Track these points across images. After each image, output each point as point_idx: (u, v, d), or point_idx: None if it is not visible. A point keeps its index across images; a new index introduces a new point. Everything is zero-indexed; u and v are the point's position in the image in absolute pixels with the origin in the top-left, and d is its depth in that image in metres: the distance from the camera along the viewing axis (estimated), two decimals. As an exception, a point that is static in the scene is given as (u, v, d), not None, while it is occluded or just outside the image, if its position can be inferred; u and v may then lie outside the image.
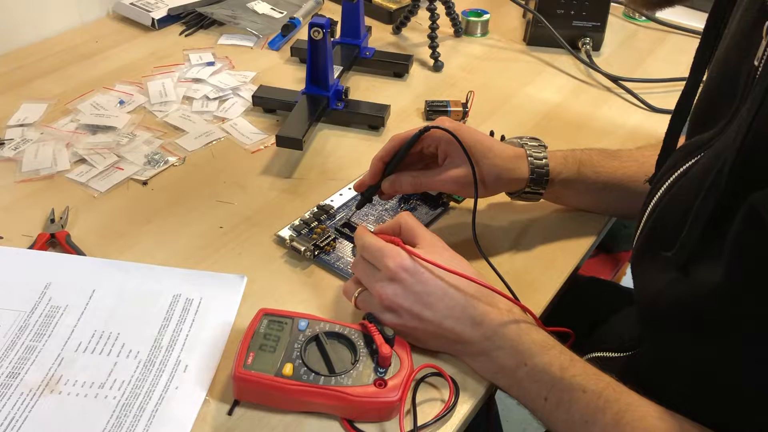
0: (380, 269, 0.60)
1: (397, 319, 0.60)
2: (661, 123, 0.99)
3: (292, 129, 0.85)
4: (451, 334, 0.59)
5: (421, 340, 0.61)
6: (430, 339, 0.61)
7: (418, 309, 0.59)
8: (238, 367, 0.56)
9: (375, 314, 0.61)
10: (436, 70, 1.08)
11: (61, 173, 0.83)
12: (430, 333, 0.60)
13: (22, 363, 0.59)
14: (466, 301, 0.59)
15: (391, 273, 0.59)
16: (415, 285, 0.59)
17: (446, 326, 0.59)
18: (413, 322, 0.59)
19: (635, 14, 1.26)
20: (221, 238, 0.75)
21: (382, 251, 0.60)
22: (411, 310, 0.59)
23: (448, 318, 0.59)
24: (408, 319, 0.59)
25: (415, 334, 0.61)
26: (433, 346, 0.62)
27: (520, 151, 0.72)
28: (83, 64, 1.05)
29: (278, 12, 1.20)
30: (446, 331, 0.59)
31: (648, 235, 0.59)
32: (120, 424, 0.55)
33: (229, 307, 0.66)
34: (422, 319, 0.59)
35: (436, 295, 0.59)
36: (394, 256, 0.60)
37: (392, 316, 0.60)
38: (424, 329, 0.60)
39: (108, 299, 0.66)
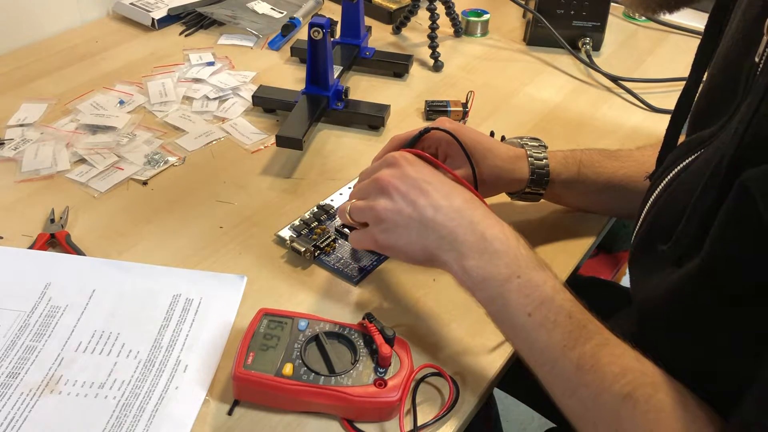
0: (379, 166, 0.61)
1: (391, 203, 0.58)
2: (661, 123, 0.98)
3: (292, 129, 0.85)
4: (444, 229, 0.57)
5: (405, 238, 0.58)
6: (414, 235, 0.58)
7: (414, 194, 0.58)
8: (238, 367, 0.56)
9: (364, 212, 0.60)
10: (436, 70, 1.08)
11: (61, 173, 0.83)
12: (418, 224, 0.57)
13: (22, 363, 0.59)
14: (464, 202, 0.58)
15: (390, 159, 0.60)
16: (414, 171, 0.59)
17: (439, 219, 0.57)
18: (407, 208, 0.57)
19: (635, 14, 1.26)
20: (221, 238, 0.75)
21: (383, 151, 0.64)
22: (407, 194, 0.58)
23: (444, 209, 0.57)
24: (402, 204, 0.58)
25: (400, 228, 0.58)
26: (418, 248, 0.58)
27: (521, 151, 0.72)
28: (83, 64, 1.05)
29: (278, 12, 1.20)
30: (439, 225, 0.57)
31: (646, 231, 0.59)
32: (120, 424, 0.55)
33: (229, 307, 0.66)
34: (415, 205, 0.57)
35: (434, 185, 0.58)
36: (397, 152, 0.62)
37: (386, 200, 0.58)
38: (415, 218, 0.57)
39: (108, 299, 0.66)
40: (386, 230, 0.59)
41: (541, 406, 0.95)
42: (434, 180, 0.59)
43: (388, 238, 0.59)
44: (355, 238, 0.63)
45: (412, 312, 0.67)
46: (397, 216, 0.58)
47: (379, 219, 0.59)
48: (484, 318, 0.66)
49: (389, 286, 0.70)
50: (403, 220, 0.58)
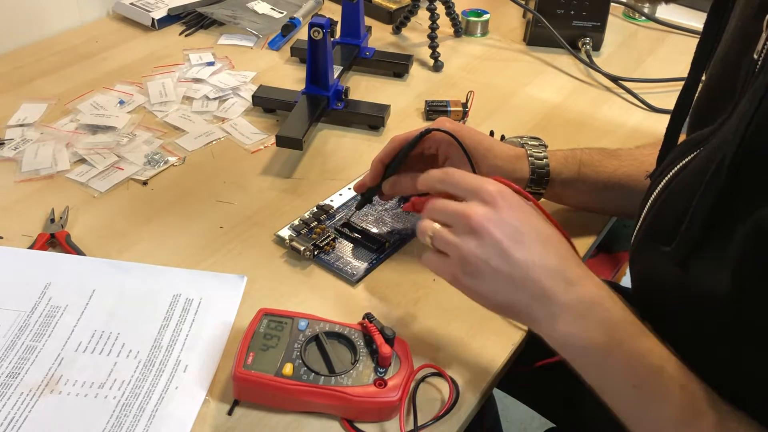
0: (472, 195, 0.53)
1: (480, 248, 0.52)
2: (661, 123, 0.98)
3: (292, 129, 0.85)
4: (536, 288, 0.51)
5: (489, 288, 0.53)
6: (501, 288, 0.52)
7: (508, 244, 0.51)
8: (238, 367, 0.56)
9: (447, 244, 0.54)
10: (436, 70, 1.08)
11: (61, 173, 0.83)
12: (507, 280, 0.51)
13: (22, 363, 0.59)
14: (560, 258, 0.52)
15: (486, 195, 0.52)
16: (512, 217, 0.52)
17: (534, 276, 0.51)
18: (497, 259, 0.51)
19: (635, 14, 1.26)
20: (221, 238, 0.75)
21: (476, 178, 0.54)
22: (500, 243, 0.51)
23: (538, 267, 0.51)
24: (492, 253, 0.51)
25: (486, 277, 0.52)
26: (504, 302, 0.53)
27: (521, 151, 0.72)
28: (83, 64, 1.05)
29: (278, 12, 1.20)
30: (531, 282, 0.51)
31: (647, 230, 0.59)
32: (120, 424, 0.55)
33: (229, 307, 0.66)
34: (508, 259, 0.51)
35: (531, 236, 0.52)
36: (491, 181, 0.53)
37: (475, 243, 0.52)
38: (505, 272, 0.51)
39: (108, 299, 0.66)
40: (470, 274, 0.53)
41: (541, 406, 0.95)
42: (531, 228, 0.52)
43: (470, 283, 0.54)
44: (432, 262, 0.57)
45: (412, 312, 0.67)
46: (486, 265, 0.52)
47: (465, 261, 0.53)
48: (485, 318, 0.67)
49: (389, 286, 0.70)
50: (492, 271, 0.52)
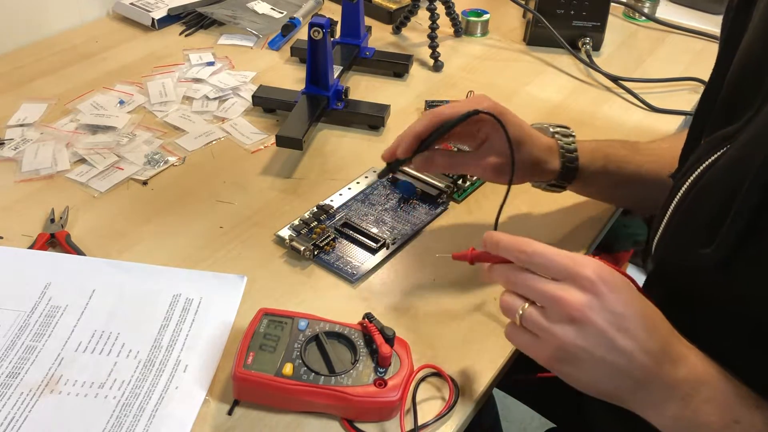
0: (567, 279, 0.49)
1: (581, 338, 0.48)
2: (661, 122, 0.99)
3: (292, 129, 0.85)
4: (641, 374, 0.47)
5: (589, 376, 0.49)
6: (604, 377, 0.49)
7: (613, 334, 0.47)
8: (238, 366, 0.56)
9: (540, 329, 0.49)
10: (436, 70, 1.08)
11: (61, 173, 0.83)
12: (612, 368, 0.48)
13: (22, 363, 0.59)
14: (663, 337, 0.48)
15: (584, 281, 0.48)
16: (614, 301, 0.47)
17: (640, 361, 0.47)
18: (601, 348, 0.47)
19: (635, 14, 1.26)
20: (221, 238, 0.75)
21: (570, 258, 0.49)
22: (605, 332, 0.47)
23: (644, 353, 0.47)
24: (594, 342, 0.47)
25: (587, 365, 0.48)
26: (604, 390, 0.50)
27: (552, 142, 0.70)
28: (83, 64, 1.05)
29: (278, 12, 1.20)
30: (637, 368, 0.47)
31: (675, 232, 0.56)
32: (120, 424, 0.55)
33: (229, 307, 0.66)
34: (613, 347, 0.47)
35: (636, 321, 0.47)
36: (587, 262, 0.49)
37: (575, 332, 0.48)
38: (609, 362, 0.48)
39: (108, 299, 0.66)
40: (566, 361, 0.49)
41: (541, 406, 0.96)
42: (634, 312, 0.48)
43: (567, 370, 0.50)
44: (523, 342, 0.52)
45: (412, 312, 0.67)
46: (587, 354, 0.48)
47: (563, 350, 0.48)
48: (485, 319, 0.67)
49: (389, 286, 0.70)
50: (594, 360, 0.48)
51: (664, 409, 0.48)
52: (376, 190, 0.81)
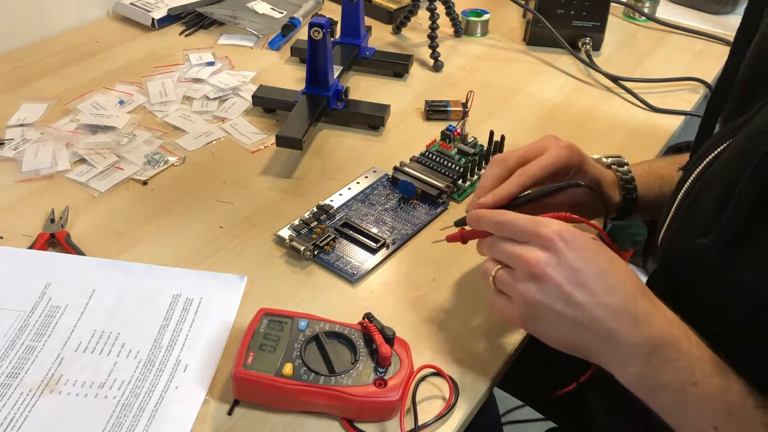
0: (530, 240, 0.52)
1: (541, 293, 0.51)
2: (661, 122, 0.99)
3: (292, 129, 0.85)
4: (601, 329, 0.49)
5: (556, 331, 0.52)
6: (568, 331, 0.51)
7: (569, 287, 0.50)
8: (238, 366, 0.56)
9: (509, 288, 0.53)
10: (436, 70, 1.08)
11: (61, 173, 0.83)
12: (572, 322, 0.50)
13: (22, 363, 0.59)
14: (627, 293, 0.50)
15: (545, 240, 0.51)
16: (572, 258, 0.50)
17: (598, 317, 0.49)
18: (558, 303, 0.50)
19: (635, 14, 1.26)
20: (221, 238, 0.75)
21: (533, 221, 0.52)
22: (562, 287, 0.50)
23: (603, 307, 0.49)
24: (554, 297, 0.50)
25: (551, 320, 0.51)
26: (570, 345, 0.52)
27: (612, 175, 0.69)
28: (83, 64, 1.05)
29: (278, 12, 1.20)
30: (596, 322, 0.49)
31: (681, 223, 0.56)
32: (120, 424, 0.55)
33: (229, 307, 0.66)
34: (571, 302, 0.50)
35: (594, 276, 0.50)
36: (549, 223, 0.52)
37: (536, 288, 0.51)
38: (568, 316, 0.50)
39: (108, 299, 0.66)
40: (534, 318, 0.52)
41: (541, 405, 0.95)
42: (593, 268, 0.50)
43: (535, 327, 0.53)
44: (498, 305, 0.56)
45: (412, 312, 0.67)
46: (549, 310, 0.51)
47: (529, 306, 0.52)
48: (484, 319, 0.67)
49: (389, 286, 0.70)
50: (556, 315, 0.51)
51: (627, 365, 0.49)
52: (376, 190, 0.81)
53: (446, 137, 0.87)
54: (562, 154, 0.63)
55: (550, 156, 0.62)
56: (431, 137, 0.88)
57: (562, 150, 0.63)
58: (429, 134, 0.90)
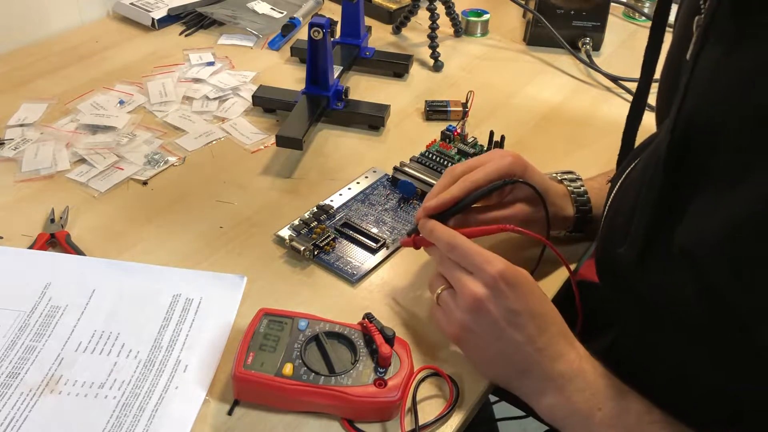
0: (475, 272, 0.57)
1: (477, 325, 0.56)
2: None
3: (292, 129, 0.85)
4: (525, 363, 0.55)
5: (483, 358, 0.58)
6: (494, 360, 0.57)
7: (504, 324, 0.55)
8: (238, 367, 0.56)
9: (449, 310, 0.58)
10: (436, 70, 1.08)
11: (61, 173, 0.83)
12: (500, 354, 0.56)
13: (22, 363, 0.59)
14: (551, 334, 0.55)
15: (488, 278, 0.55)
16: (511, 299, 0.55)
17: (524, 353, 0.55)
18: (491, 336, 0.56)
19: (635, 14, 1.26)
20: (221, 238, 0.75)
21: (481, 255, 0.56)
22: (497, 323, 0.55)
23: (529, 347, 0.55)
24: (488, 330, 0.56)
25: (481, 348, 0.57)
26: (490, 369, 0.59)
27: (564, 188, 0.71)
28: (83, 64, 1.05)
29: (278, 12, 1.20)
30: (522, 358, 0.55)
31: (604, 235, 0.60)
32: (120, 424, 0.55)
33: (229, 307, 0.66)
34: (503, 337, 0.55)
35: (527, 317, 0.55)
36: (494, 262, 0.56)
37: (473, 319, 0.56)
38: (498, 348, 0.56)
39: (108, 299, 0.66)
40: (465, 341, 0.58)
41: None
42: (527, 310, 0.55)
43: (465, 348, 0.59)
44: (437, 319, 0.61)
45: (412, 312, 0.67)
46: (480, 340, 0.57)
47: (463, 330, 0.57)
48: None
49: (389, 286, 0.70)
50: (485, 345, 0.56)
51: (543, 396, 0.55)
52: (376, 190, 0.81)
53: (446, 137, 0.87)
54: (504, 163, 0.65)
55: (494, 164, 0.65)
56: (431, 137, 0.88)
57: (506, 158, 0.65)
58: (429, 134, 0.90)
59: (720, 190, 0.43)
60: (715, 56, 0.46)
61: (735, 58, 0.44)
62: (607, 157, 0.87)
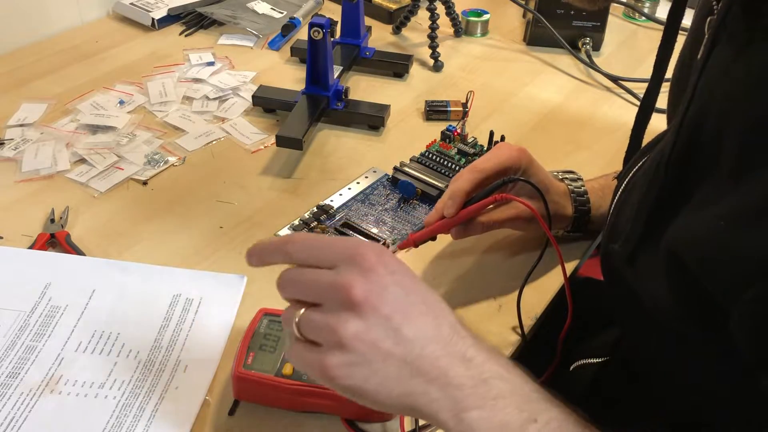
0: (346, 262, 0.44)
1: (364, 329, 0.42)
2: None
3: (292, 129, 0.85)
4: (433, 369, 0.43)
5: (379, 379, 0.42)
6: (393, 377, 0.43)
7: (397, 320, 0.42)
8: (238, 366, 0.56)
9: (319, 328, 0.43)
10: (436, 70, 1.08)
11: (61, 173, 0.83)
12: (400, 364, 0.42)
13: (22, 363, 0.59)
14: (451, 326, 0.45)
15: (367, 262, 0.43)
16: (397, 285, 0.43)
17: (429, 354, 0.43)
18: (387, 341, 0.42)
19: (635, 14, 1.26)
20: (221, 238, 0.75)
21: (335, 239, 0.46)
22: (390, 320, 0.42)
23: (433, 343, 0.43)
24: (381, 333, 0.42)
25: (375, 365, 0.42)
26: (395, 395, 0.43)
27: (564, 187, 0.71)
28: (83, 64, 1.05)
29: (278, 12, 1.20)
30: (427, 362, 0.43)
31: (608, 233, 0.60)
32: (120, 424, 0.55)
33: (229, 307, 0.66)
34: (398, 337, 0.42)
35: (420, 307, 0.44)
36: (372, 245, 0.45)
37: (359, 323, 0.42)
38: (397, 356, 0.42)
39: (108, 299, 0.66)
40: (351, 364, 0.42)
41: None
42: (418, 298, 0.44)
43: (350, 375, 0.42)
44: (297, 354, 0.45)
45: (412, 312, 0.67)
46: (374, 349, 0.42)
47: (346, 348, 0.42)
48: (483, 319, 0.67)
49: (389, 286, 0.70)
50: (382, 356, 0.42)
51: (462, 410, 0.42)
52: (376, 191, 0.81)
53: (446, 137, 0.87)
54: (512, 154, 0.65)
55: (502, 154, 0.65)
56: (431, 137, 0.88)
57: (513, 151, 0.65)
58: (429, 134, 0.90)
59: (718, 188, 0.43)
60: (725, 58, 0.46)
61: (744, 60, 0.44)
62: (608, 158, 0.88)
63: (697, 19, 0.57)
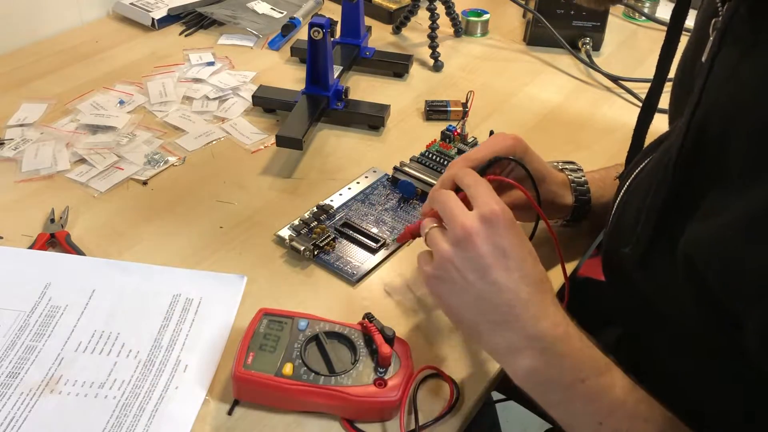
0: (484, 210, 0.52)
1: (459, 258, 0.51)
2: (662, 123, 0.98)
3: (292, 129, 0.85)
4: (504, 313, 0.50)
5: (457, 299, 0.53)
6: (469, 304, 0.52)
7: (490, 261, 0.50)
8: (238, 366, 0.56)
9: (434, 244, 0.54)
10: (436, 70, 1.08)
11: (61, 173, 0.83)
12: (478, 296, 0.51)
13: (22, 363, 0.59)
14: (537, 288, 0.51)
15: (488, 213, 0.51)
16: (504, 237, 0.51)
17: (506, 299, 0.50)
18: (473, 273, 0.51)
19: (635, 14, 1.26)
20: (221, 238, 0.75)
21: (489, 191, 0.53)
22: (483, 259, 0.51)
23: (512, 292, 0.50)
24: (470, 266, 0.51)
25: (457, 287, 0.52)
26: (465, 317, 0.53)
27: (564, 177, 0.71)
28: (83, 64, 1.05)
29: (278, 12, 1.20)
30: (502, 304, 0.50)
31: (611, 233, 0.60)
32: (120, 424, 0.55)
33: (229, 307, 0.66)
34: (486, 276, 0.51)
35: (516, 262, 0.51)
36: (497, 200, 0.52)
37: (455, 252, 0.52)
38: (477, 289, 0.51)
39: (108, 299, 0.66)
40: (441, 280, 0.54)
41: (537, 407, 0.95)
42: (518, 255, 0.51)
43: (441, 289, 0.54)
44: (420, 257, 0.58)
45: (412, 312, 0.67)
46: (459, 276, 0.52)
47: (443, 267, 0.53)
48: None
49: (389, 286, 0.70)
50: (465, 284, 0.52)
51: (519, 357, 0.50)
52: (376, 190, 0.81)
53: (446, 137, 0.87)
54: (506, 143, 0.64)
55: (496, 143, 0.64)
56: (431, 137, 0.88)
57: (507, 139, 0.65)
58: (429, 134, 0.90)
59: (728, 193, 0.43)
60: (732, 59, 0.46)
61: (750, 62, 0.44)
62: (607, 157, 0.88)
63: (701, 20, 0.56)
